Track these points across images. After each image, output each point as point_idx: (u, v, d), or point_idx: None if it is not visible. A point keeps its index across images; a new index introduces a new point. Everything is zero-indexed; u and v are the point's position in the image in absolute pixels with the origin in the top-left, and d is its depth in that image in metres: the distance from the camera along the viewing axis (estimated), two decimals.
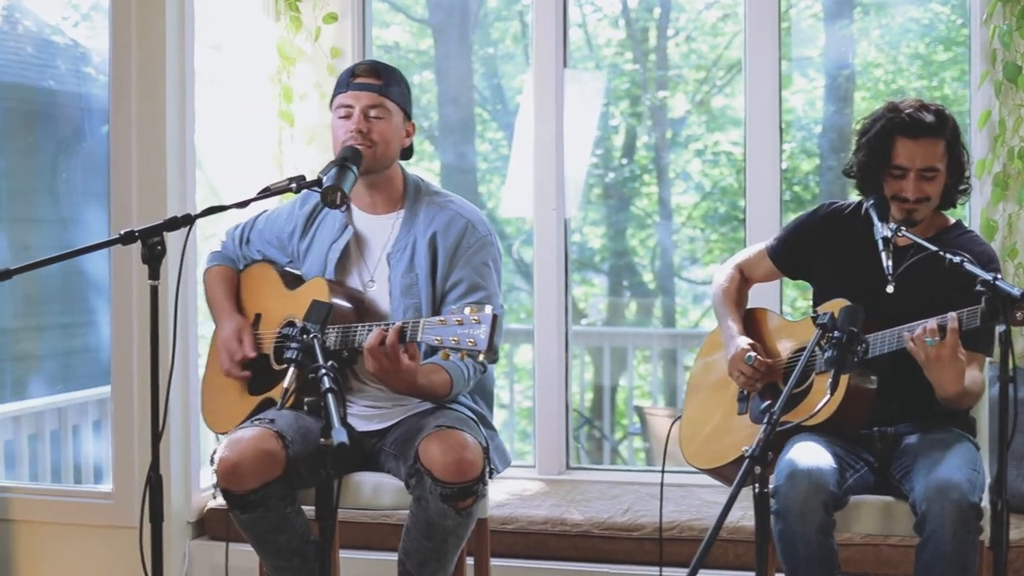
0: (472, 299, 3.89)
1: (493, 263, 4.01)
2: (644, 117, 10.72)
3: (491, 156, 10.94)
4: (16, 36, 6.42)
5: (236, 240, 4.29)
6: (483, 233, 4.00)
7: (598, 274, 10.97)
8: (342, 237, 4.04)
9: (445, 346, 3.46)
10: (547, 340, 5.49)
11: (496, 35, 10.79)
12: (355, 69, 4.00)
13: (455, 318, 3.45)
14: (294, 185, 3.67)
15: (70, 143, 6.30)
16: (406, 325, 3.58)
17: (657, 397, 9.00)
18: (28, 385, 6.24)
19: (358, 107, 3.93)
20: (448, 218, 3.98)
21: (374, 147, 3.93)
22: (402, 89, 4.02)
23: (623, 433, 9.36)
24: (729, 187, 10.54)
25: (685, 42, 10.76)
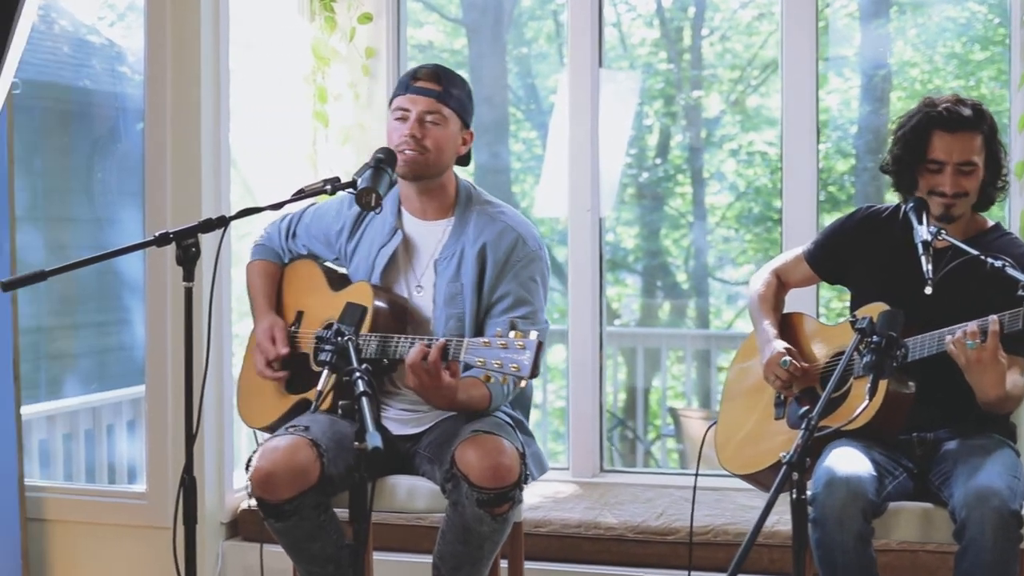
0: (517, 313, 3.86)
1: (541, 278, 3.97)
2: (678, 117, 10.69)
3: (525, 156, 10.91)
4: (52, 36, 6.43)
5: (282, 233, 4.26)
6: (533, 248, 3.96)
7: (631, 274, 10.93)
8: (391, 242, 4.01)
9: (487, 369, 3.45)
10: (581, 342, 5.46)
11: (530, 34, 10.76)
12: (417, 72, 3.96)
13: (500, 341, 3.43)
14: (329, 187, 3.65)
15: (105, 142, 6.31)
16: (449, 343, 3.56)
17: (691, 398, 8.95)
18: (63, 384, 6.25)
19: (414, 111, 3.90)
20: (499, 230, 3.95)
21: (427, 153, 3.90)
22: (462, 96, 3.98)
23: (656, 434, 9.31)
24: (764, 187, 10.51)
25: (720, 41, 10.71)
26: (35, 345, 5.95)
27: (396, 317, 3.92)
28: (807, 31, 5.19)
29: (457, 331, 3.89)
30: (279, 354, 4.02)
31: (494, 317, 3.89)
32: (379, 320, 3.83)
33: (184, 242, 3.38)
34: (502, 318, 3.84)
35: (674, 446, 8.83)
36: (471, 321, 3.90)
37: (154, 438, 4.89)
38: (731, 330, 10.24)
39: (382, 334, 3.76)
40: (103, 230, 6.27)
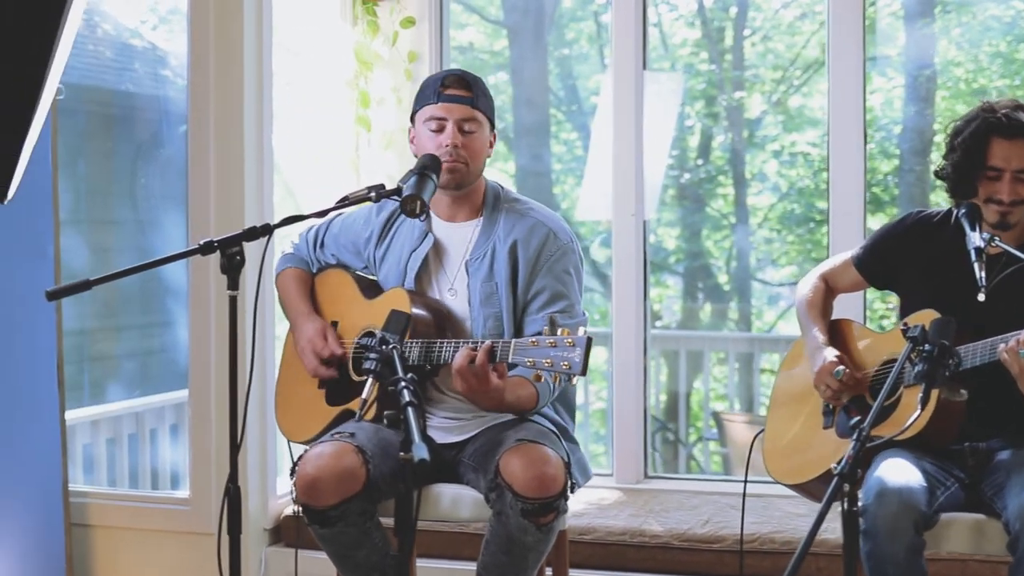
0: (555, 308, 3.83)
1: (575, 271, 3.94)
2: (720, 118, 10.64)
3: (566, 157, 10.84)
4: (95, 40, 6.42)
5: (310, 243, 4.23)
6: (564, 241, 3.93)
7: (673, 276, 10.86)
8: (422, 246, 3.97)
9: (538, 368, 3.42)
10: (625, 347, 5.41)
11: (571, 36, 10.68)
12: (444, 80, 3.92)
13: (548, 340, 3.40)
14: (373, 194, 3.61)
15: (148, 147, 6.30)
16: (496, 345, 3.53)
17: (733, 401, 8.89)
18: (106, 388, 6.24)
19: (451, 120, 3.86)
20: (529, 226, 3.91)
21: (467, 162, 3.87)
22: (488, 99, 3.96)
23: (697, 435, 9.25)
24: (806, 188, 10.42)
25: (762, 41, 10.62)
26: (79, 348, 5.94)
27: (435, 321, 3.88)
28: (853, 31, 5.13)
29: (495, 331, 3.86)
30: (335, 352, 3.97)
31: (532, 314, 3.86)
32: (418, 326, 3.79)
33: (228, 250, 3.36)
34: (540, 314, 3.82)
35: (717, 449, 8.76)
36: (508, 319, 3.87)
37: (197, 445, 4.87)
38: (774, 332, 10.17)
39: (425, 339, 3.73)
40: (146, 234, 6.26)
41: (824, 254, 10.26)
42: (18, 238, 4.70)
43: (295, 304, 4.13)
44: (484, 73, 10.40)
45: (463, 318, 3.92)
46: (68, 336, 5.04)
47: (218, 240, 3.36)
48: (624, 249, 5.40)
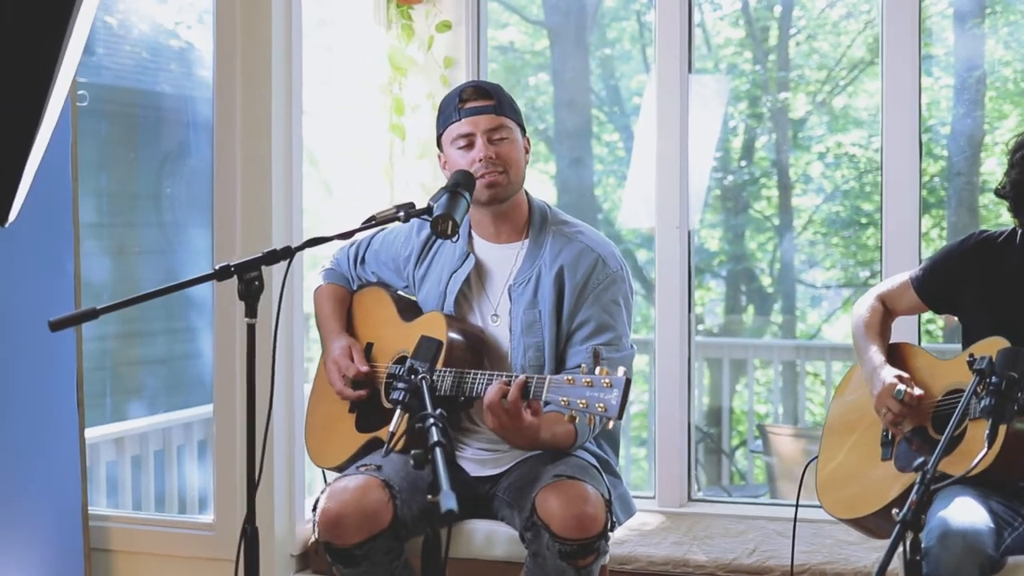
0: (600, 340, 3.56)
1: (624, 301, 3.67)
2: (764, 119, 10.38)
3: (608, 159, 10.66)
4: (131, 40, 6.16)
5: (351, 259, 3.98)
6: (614, 268, 3.66)
7: (715, 279, 10.62)
8: (463, 267, 3.71)
9: (572, 408, 3.18)
10: (669, 365, 5.14)
11: (613, 35, 10.50)
12: (461, 94, 3.65)
13: (585, 379, 3.16)
14: (402, 214, 3.36)
15: (175, 154, 6.02)
16: (530, 381, 3.28)
17: (777, 407, 8.63)
18: (130, 403, 5.97)
19: (479, 133, 3.60)
20: (577, 252, 3.64)
21: (507, 173, 3.61)
22: (513, 104, 3.69)
23: (740, 439, 9.01)
24: (852, 190, 10.19)
25: (806, 41, 10.38)
26: (100, 359, 5.67)
27: (472, 349, 3.62)
28: (908, 30, 4.84)
29: (536, 361, 3.60)
30: (359, 371, 3.72)
31: (575, 345, 3.60)
32: (454, 353, 3.54)
33: (246, 275, 3.11)
34: (584, 346, 3.56)
35: (761, 463, 8.49)
36: (551, 350, 3.60)
37: (222, 469, 4.63)
38: (819, 339, 9.93)
39: (458, 369, 3.48)
40: (172, 246, 5.98)
41: (869, 256, 10.38)
42: (36, 252, 4.46)
43: (327, 322, 3.89)
44: (524, 74, 10.42)
45: (503, 347, 3.66)
46: (89, 346, 4.80)
47: (235, 264, 3.12)
48: (668, 261, 5.13)
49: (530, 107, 10.09)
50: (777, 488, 7.30)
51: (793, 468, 7.09)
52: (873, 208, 10.04)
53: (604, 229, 10.33)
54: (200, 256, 5.34)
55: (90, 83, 5.20)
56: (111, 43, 5.88)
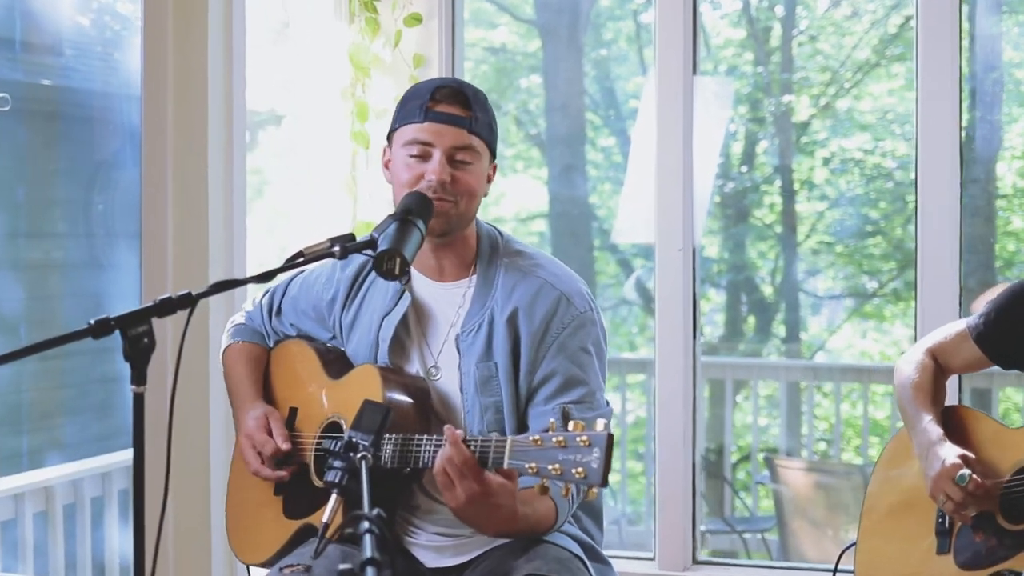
0: (568, 398, 2.79)
1: (595, 348, 2.87)
2: (766, 123, 9.81)
3: (603, 165, 10.05)
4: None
5: (264, 310, 3.20)
6: (581, 309, 2.86)
7: (715, 288, 9.95)
8: (397, 308, 2.93)
9: (543, 475, 2.39)
10: (671, 400, 4.35)
11: (609, 36, 9.91)
12: (435, 92, 2.85)
13: (555, 437, 2.38)
14: (337, 248, 2.56)
15: (106, 166, 5.13)
16: (487, 447, 2.48)
17: (784, 435, 7.91)
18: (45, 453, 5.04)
19: (440, 148, 2.80)
20: (534, 290, 2.86)
21: (459, 204, 2.83)
22: (490, 120, 2.90)
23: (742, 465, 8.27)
24: (857, 196, 9.61)
25: (809, 42, 9.78)
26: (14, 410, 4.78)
27: (417, 409, 2.85)
28: (947, 31, 4.08)
29: (497, 425, 2.83)
30: (279, 449, 2.94)
31: (539, 405, 2.83)
32: (394, 414, 2.76)
33: (131, 331, 2.32)
34: (549, 405, 2.80)
35: (767, 490, 7.74)
36: (511, 412, 2.83)
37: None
38: (825, 356, 9.38)
39: (401, 435, 2.71)
40: (97, 277, 5.07)
41: (875, 267, 9.77)
42: None
43: (238, 389, 3.11)
44: (516, 76, 9.78)
45: (455, 406, 2.88)
46: None
47: (116, 317, 2.32)
48: (669, 285, 4.35)
49: (522, 110, 9.58)
50: (786, 524, 6.54)
51: (805, 506, 6.34)
52: (879, 216, 9.65)
53: (599, 239, 9.73)
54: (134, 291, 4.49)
55: (8, 80, 4.38)
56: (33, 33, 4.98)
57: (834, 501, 6.39)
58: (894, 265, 9.58)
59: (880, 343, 9.74)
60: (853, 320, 9.85)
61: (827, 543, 6.29)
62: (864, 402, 7.60)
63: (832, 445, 8.06)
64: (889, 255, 9.63)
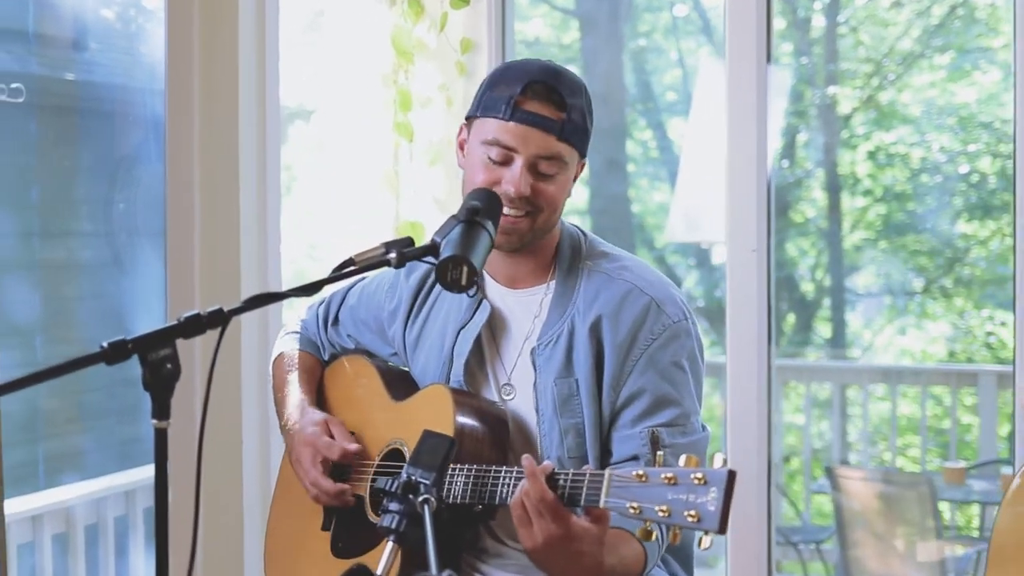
0: (658, 420, 2.38)
1: (690, 362, 2.45)
2: (807, 116, 9.54)
3: (640, 159, 9.81)
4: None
5: (320, 319, 2.79)
6: (674, 317, 2.44)
7: None
8: (474, 320, 2.51)
9: (647, 518, 1.99)
10: (743, 417, 3.90)
11: (644, 28, 9.65)
12: (527, 87, 2.39)
13: (664, 474, 1.97)
14: (394, 255, 2.14)
15: (128, 162, 4.69)
16: (579, 482, 2.08)
17: (838, 441, 7.52)
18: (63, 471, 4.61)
19: (524, 156, 2.37)
20: (620, 295, 2.44)
21: (535, 215, 2.40)
22: (586, 122, 2.45)
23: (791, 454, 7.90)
24: (903, 192, 9.38)
25: (851, 33, 9.55)
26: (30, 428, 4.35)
27: (493, 439, 2.44)
28: None
29: (578, 451, 2.42)
30: (347, 451, 2.53)
31: (624, 427, 2.41)
32: (468, 444, 2.37)
33: (151, 356, 1.91)
34: (636, 428, 2.39)
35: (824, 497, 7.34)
36: (594, 435, 2.42)
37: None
38: (871, 359, 9.03)
39: (474, 466, 2.30)
40: (118, 282, 4.62)
41: (920, 263, 9.43)
42: None
43: (289, 398, 2.70)
44: None
45: (529, 431, 2.47)
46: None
47: (133, 340, 1.91)
48: (742, 290, 3.91)
49: None
50: (847, 534, 6.11)
51: (869, 516, 5.92)
52: (924, 211, 9.43)
53: (638, 236, 9.38)
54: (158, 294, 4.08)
55: (22, 73, 3.97)
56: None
57: (898, 512, 5.97)
58: (941, 262, 9.32)
59: (920, 341, 9.46)
60: (897, 318, 9.55)
61: (892, 558, 5.87)
62: (921, 404, 7.20)
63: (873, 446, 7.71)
64: (937, 251, 9.33)
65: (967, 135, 8.98)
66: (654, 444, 2.25)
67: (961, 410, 7.52)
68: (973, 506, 6.72)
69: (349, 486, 2.53)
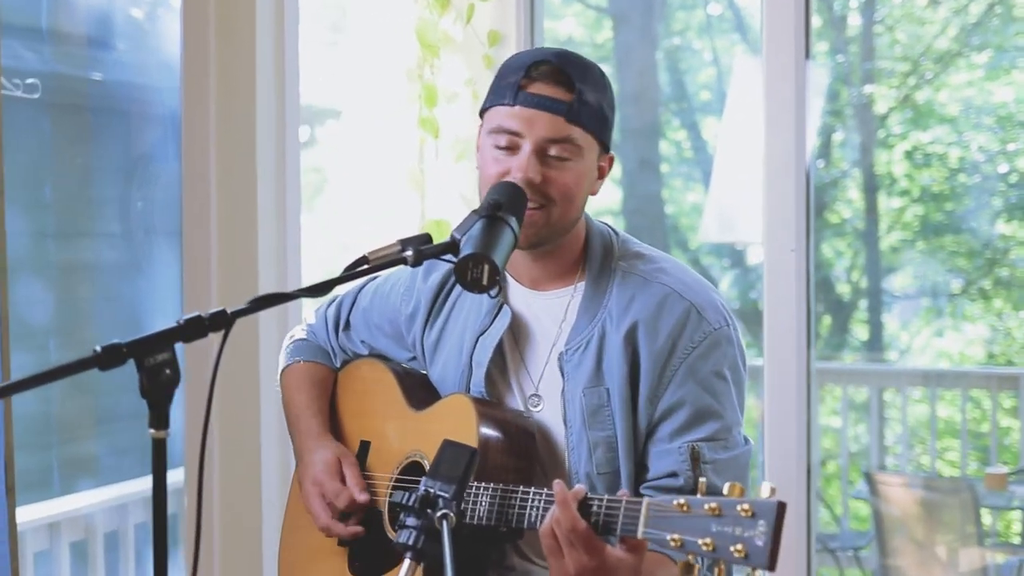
0: (699, 434, 2.22)
1: (732, 372, 2.29)
2: (843, 115, 9.38)
3: (674, 159, 9.64)
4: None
5: (330, 323, 2.63)
6: (715, 324, 2.28)
7: None
8: (495, 325, 2.35)
9: (689, 550, 1.84)
10: (782, 431, 3.75)
11: (678, 26, 9.52)
12: (531, 67, 2.24)
13: (708, 504, 1.82)
14: (410, 253, 2.00)
15: (145, 160, 4.54)
16: (615, 510, 1.93)
17: (877, 446, 7.34)
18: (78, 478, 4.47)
19: (531, 140, 2.21)
20: (657, 300, 2.27)
21: (549, 208, 2.23)
22: (602, 103, 2.28)
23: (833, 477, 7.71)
24: (941, 192, 9.17)
25: (887, 31, 9.37)
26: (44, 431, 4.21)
27: (519, 451, 2.28)
28: None
29: (608, 466, 2.26)
30: (356, 501, 2.39)
31: (662, 442, 2.25)
32: (492, 459, 2.22)
33: (148, 361, 1.77)
34: (675, 443, 2.23)
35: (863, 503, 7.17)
36: (626, 450, 2.25)
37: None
38: (908, 362, 8.87)
39: (499, 485, 2.15)
40: (134, 281, 4.46)
41: (958, 264, 9.29)
42: None
43: (301, 419, 2.54)
44: None
45: (556, 444, 2.31)
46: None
47: (128, 344, 1.77)
48: (780, 291, 3.76)
49: None
50: (886, 541, 5.94)
51: (909, 523, 5.76)
52: (963, 211, 9.21)
53: (672, 237, 9.26)
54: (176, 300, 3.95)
55: (35, 71, 3.84)
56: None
57: (938, 519, 5.80)
58: (980, 263, 9.18)
59: (958, 343, 9.31)
60: (934, 320, 9.40)
61: (933, 565, 5.70)
62: (960, 407, 7.02)
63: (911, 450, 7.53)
64: (975, 252, 9.19)
65: (1006, 134, 8.83)
66: (694, 460, 2.13)
67: (1001, 413, 7.36)
68: (1015, 512, 6.55)
69: (363, 528, 2.39)
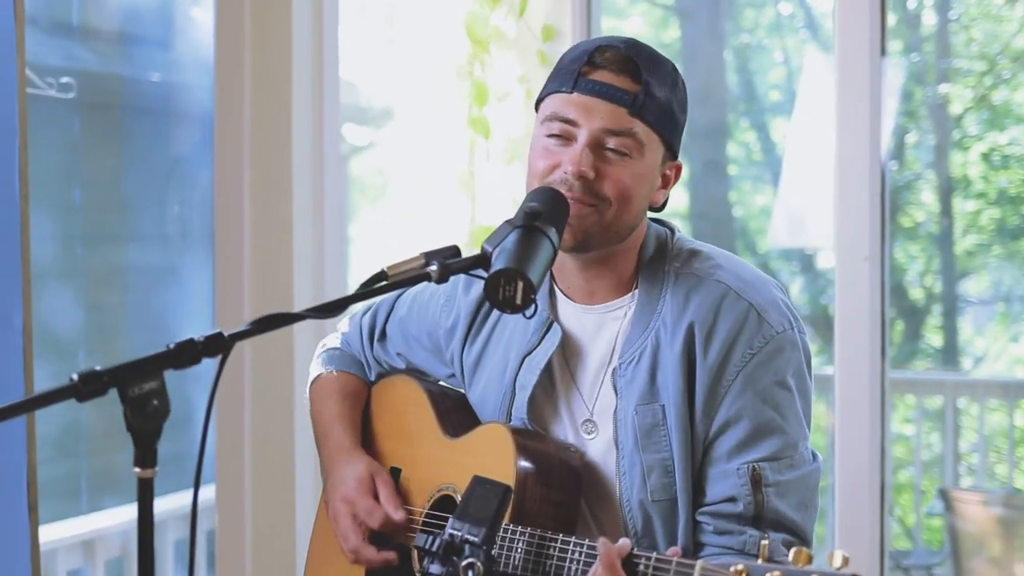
0: (759, 453, 1.98)
1: (796, 380, 2.04)
2: (917, 115, 9.00)
3: (743, 162, 9.44)
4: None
5: (364, 333, 2.41)
6: (778, 327, 2.04)
7: None
8: (543, 346, 2.12)
9: None
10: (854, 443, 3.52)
11: (747, 24, 9.31)
12: (594, 53, 2.04)
13: (770, 572, 1.57)
14: (434, 267, 1.76)
15: (183, 164, 4.37)
16: (663, 572, 1.71)
17: (946, 461, 7.08)
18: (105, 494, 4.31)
19: (587, 129, 1.99)
20: (714, 299, 2.04)
21: (601, 208, 2.00)
22: (672, 100, 2.07)
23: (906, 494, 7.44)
24: (1017, 195, 8.92)
25: (963, 29, 9.12)
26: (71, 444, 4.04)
27: (562, 489, 2.03)
28: None
29: (665, 493, 2.02)
30: (389, 519, 2.16)
31: (719, 462, 2.01)
32: (530, 500, 1.97)
33: (132, 390, 1.57)
34: (733, 463, 1.99)
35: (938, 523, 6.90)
36: (684, 473, 2.01)
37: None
38: (986, 372, 8.51)
39: (536, 531, 1.92)
40: (167, 291, 4.27)
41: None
42: None
43: (331, 433, 2.33)
44: None
45: (605, 472, 2.07)
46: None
47: (109, 371, 1.57)
48: (853, 300, 3.53)
49: None
50: (962, 561, 5.68)
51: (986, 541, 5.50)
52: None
53: (740, 241, 9.03)
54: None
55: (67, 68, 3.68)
56: None
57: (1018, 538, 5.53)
58: None
59: None
60: (1011, 326, 9.15)
61: None
62: None
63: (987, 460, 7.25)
64: None
65: None
66: (755, 483, 1.91)
67: None
68: None
69: (395, 554, 2.17)
